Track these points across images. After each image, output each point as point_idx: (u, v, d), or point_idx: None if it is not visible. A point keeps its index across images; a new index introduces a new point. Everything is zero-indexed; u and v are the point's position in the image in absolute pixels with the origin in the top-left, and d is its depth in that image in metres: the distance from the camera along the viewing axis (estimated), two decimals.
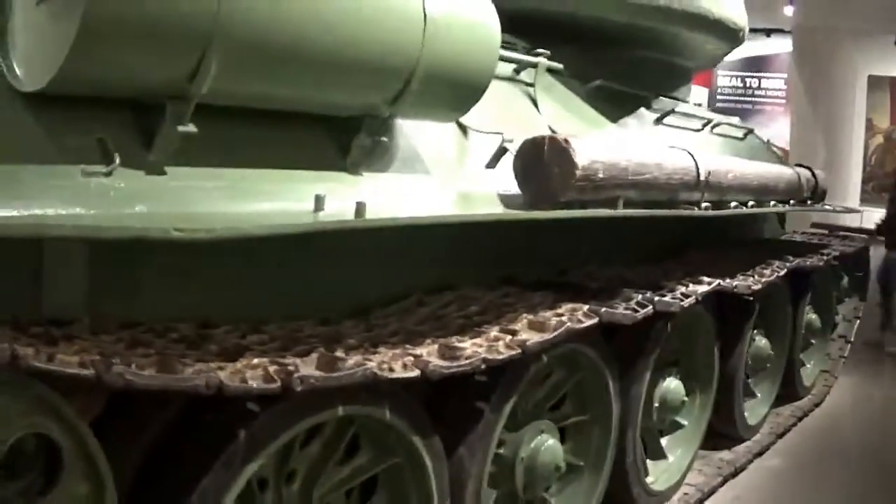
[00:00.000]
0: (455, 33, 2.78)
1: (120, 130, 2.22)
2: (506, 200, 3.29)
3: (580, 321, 3.20)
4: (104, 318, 2.16)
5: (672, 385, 4.48)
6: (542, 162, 3.11)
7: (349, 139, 2.78)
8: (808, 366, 7.02)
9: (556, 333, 3.03)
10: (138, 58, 2.07)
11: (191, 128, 2.24)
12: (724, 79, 25.58)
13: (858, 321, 8.03)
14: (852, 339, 7.85)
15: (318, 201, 2.43)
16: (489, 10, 2.99)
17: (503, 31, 4.27)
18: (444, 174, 3.18)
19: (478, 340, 2.81)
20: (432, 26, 2.66)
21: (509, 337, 2.90)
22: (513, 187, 3.28)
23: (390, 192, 2.87)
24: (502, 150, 3.33)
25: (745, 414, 5.58)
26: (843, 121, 23.09)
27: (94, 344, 1.95)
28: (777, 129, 24.66)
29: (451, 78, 2.85)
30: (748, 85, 25.89)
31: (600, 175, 3.20)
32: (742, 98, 25.91)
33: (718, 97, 25.74)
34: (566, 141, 3.11)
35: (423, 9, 2.65)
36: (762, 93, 25.74)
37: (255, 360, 2.18)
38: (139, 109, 2.26)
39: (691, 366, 4.73)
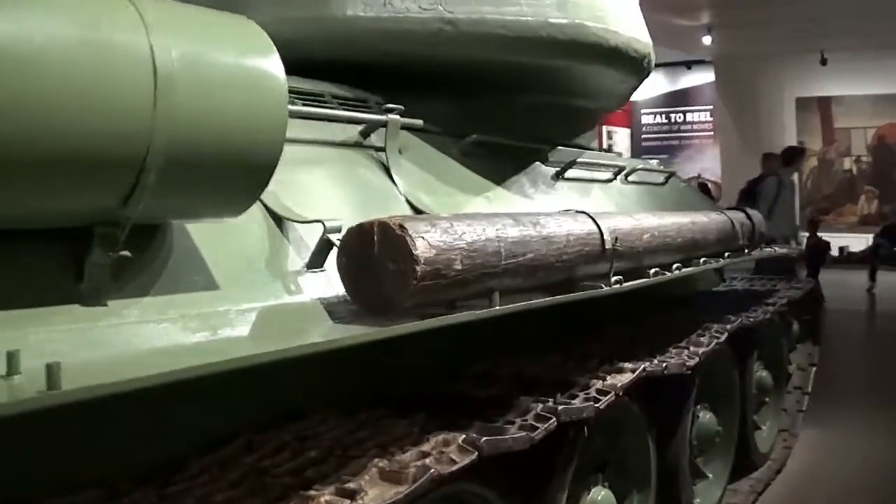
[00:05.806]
0: (208, 94, 1.87)
1: None
2: (334, 309, 2.41)
3: (452, 461, 2.34)
4: None
5: (599, 496, 3.62)
6: (371, 258, 2.23)
7: (80, 257, 1.91)
8: (764, 428, 6.27)
9: (414, 486, 2.17)
10: None
11: None
12: (648, 116, 25.75)
13: (815, 368, 7.31)
14: (809, 390, 7.13)
15: (11, 361, 1.59)
16: (266, 54, 2.06)
17: (352, 84, 3.53)
18: (239, 286, 2.28)
19: None
20: (167, 86, 1.75)
21: (349, 501, 2.06)
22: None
23: (143, 326, 1.97)
24: (326, 243, 2.46)
25: (696, 501, 4.75)
26: (774, 147, 22.93)
27: None
28: (707, 161, 24.80)
29: (214, 157, 1.93)
30: (673, 120, 25.89)
31: (457, 266, 2.30)
32: (668, 135, 25.93)
33: (643, 136, 25.93)
34: (401, 227, 2.20)
35: (153, 62, 1.74)
36: (688, 127, 25.76)
37: None
38: None
39: (622, 465, 3.90)
